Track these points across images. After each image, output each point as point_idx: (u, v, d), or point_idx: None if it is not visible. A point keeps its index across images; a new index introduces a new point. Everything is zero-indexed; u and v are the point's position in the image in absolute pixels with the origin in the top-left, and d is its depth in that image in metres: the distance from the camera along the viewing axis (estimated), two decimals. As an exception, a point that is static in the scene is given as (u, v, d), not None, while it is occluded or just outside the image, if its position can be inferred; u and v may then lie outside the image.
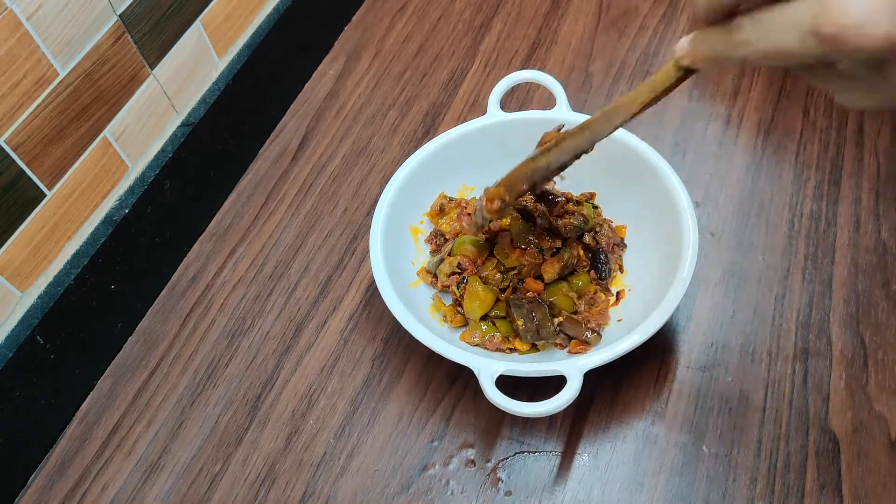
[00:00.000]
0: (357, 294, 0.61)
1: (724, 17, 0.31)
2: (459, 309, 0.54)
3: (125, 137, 0.60)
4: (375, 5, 0.85)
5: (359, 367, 0.57)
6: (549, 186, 0.59)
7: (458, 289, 0.54)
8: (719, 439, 0.50)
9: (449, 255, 0.56)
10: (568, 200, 0.57)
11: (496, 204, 0.46)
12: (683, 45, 0.35)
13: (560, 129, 0.48)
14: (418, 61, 0.78)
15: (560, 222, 0.54)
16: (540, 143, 0.48)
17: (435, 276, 0.56)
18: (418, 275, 0.58)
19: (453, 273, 0.55)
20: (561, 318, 0.53)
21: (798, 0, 0.28)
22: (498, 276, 0.54)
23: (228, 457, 0.54)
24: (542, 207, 0.55)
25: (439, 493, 0.51)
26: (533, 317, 0.52)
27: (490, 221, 0.49)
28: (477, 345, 0.53)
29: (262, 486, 0.52)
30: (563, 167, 0.45)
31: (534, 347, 0.53)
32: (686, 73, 0.36)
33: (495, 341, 0.53)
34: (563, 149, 0.43)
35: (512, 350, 0.53)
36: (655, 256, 0.54)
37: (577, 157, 0.44)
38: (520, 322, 0.52)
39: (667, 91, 0.37)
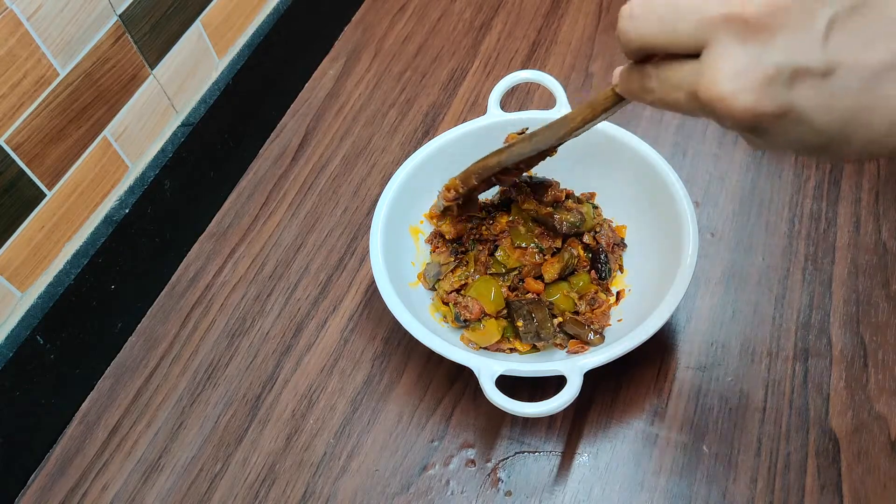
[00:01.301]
0: (357, 294, 0.61)
1: (643, 61, 0.33)
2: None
3: (125, 137, 0.59)
4: (375, 5, 0.85)
5: (359, 367, 0.57)
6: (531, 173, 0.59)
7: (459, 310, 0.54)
8: (719, 439, 0.50)
9: (452, 272, 0.56)
10: (568, 197, 0.57)
11: (451, 193, 0.52)
12: (616, 75, 0.36)
13: (523, 132, 0.53)
14: (418, 61, 0.78)
15: (556, 217, 0.54)
16: (504, 143, 0.54)
17: (433, 287, 0.56)
18: (418, 275, 0.58)
19: (453, 291, 0.55)
20: (561, 319, 0.53)
21: (689, 62, 0.30)
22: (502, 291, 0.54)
23: (228, 457, 0.54)
24: (533, 203, 0.55)
25: (439, 493, 0.51)
26: (533, 318, 0.52)
27: (449, 208, 0.55)
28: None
29: (262, 486, 0.52)
30: (508, 169, 0.49)
31: (534, 348, 0.53)
32: (621, 98, 0.38)
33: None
34: (510, 152, 0.47)
35: (512, 350, 0.53)
36: (655, 256, 0.54)
37: (526, 162, 0.48)
38: (520, 323, 0.52)
39: (605, 111, 0.39)
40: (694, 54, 0.30)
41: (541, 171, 0.61)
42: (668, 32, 0.30)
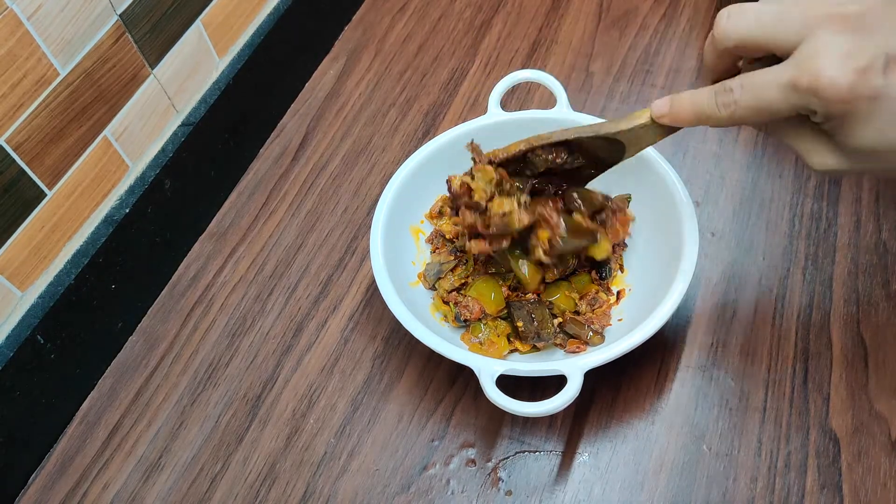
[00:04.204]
0: (357, 294, 0.61)
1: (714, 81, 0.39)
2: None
3: (125, 137, 0.60)
4: (375, 5, 0.85)
5: (359, 367, 0.57)
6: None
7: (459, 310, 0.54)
8: (719, 439, 0.50)
9: (452, 271, 0.56)
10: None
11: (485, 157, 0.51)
12: (662, 106, 0.42)
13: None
14: (418, 61, 0.78)
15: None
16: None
17: (434, 286, 0.56)
18: (418, 275, 0.58)
19: (453, 290, 0.55)
20: (561, 319, 0.53)
21: (779, 64, 0.36)
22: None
23: (229, 456, 0.54)
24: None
25: (439, 492, 0.51)
26: (533, 318, 0.52)
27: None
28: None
29: (263, 486, 0.52)
30: (549, 155, 0.49)
31: (534, 348, 0.53)
32: (663, 129, 0.43)
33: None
34: (549, 136, 0.48)
35: (512, 350, 0.53)
36: (655, 256, 0.54)
37: (558, 152, 0.49)
38: (520, 324, 0.52)
39: (644, 139, 0.45)
40: (782, 57, 0.35)
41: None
42: (767, 28, 0.36)
